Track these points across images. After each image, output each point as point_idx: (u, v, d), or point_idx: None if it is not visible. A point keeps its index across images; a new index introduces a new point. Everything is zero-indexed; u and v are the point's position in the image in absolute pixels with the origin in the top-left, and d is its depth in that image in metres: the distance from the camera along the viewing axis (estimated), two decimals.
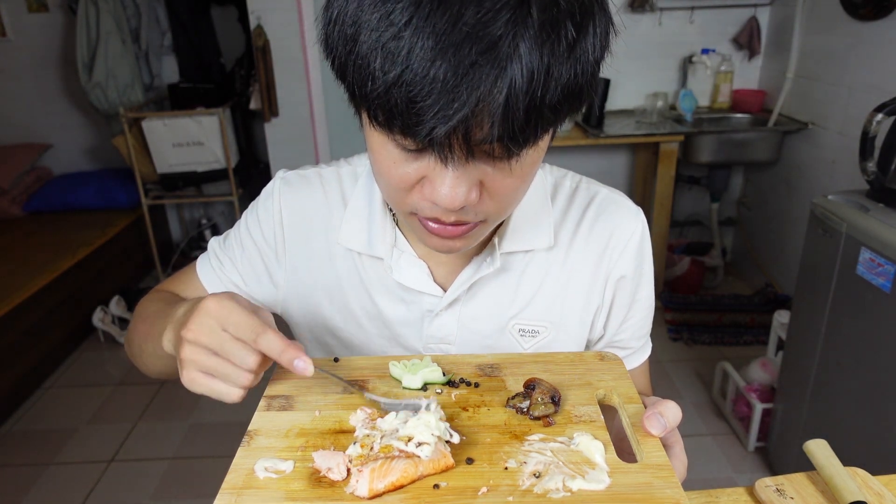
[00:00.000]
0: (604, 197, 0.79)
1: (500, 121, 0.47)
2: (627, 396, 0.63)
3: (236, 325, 0.55)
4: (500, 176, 0.55)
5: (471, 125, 0.47)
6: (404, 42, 0.45)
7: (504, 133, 0.48)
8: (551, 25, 0.46)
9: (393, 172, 0.56)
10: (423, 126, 0.47)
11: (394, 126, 0.50)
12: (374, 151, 0.57)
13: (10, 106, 3.67)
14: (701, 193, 3.55)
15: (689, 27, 3.21)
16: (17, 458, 2.35)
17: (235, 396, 0.57)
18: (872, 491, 0.66)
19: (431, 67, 0.45)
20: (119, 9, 3.28)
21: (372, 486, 0.50)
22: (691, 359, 2.81)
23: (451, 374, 0.66)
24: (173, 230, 4.03)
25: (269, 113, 3.25)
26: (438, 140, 0.48)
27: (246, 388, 0.57)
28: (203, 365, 0.56)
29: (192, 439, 2.42)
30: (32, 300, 2.71)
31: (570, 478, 0.52)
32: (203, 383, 0.57)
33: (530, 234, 0.76)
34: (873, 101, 1.80)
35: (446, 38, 0.44)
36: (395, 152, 0.54)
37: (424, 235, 0.62)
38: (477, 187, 0.55)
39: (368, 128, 0.56)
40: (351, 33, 0.48)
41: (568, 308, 0.78)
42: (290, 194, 0.79)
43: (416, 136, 0.48)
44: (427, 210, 0.57)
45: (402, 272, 0.75)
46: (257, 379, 0.58)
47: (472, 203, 0.55)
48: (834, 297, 1.75)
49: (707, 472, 2.17)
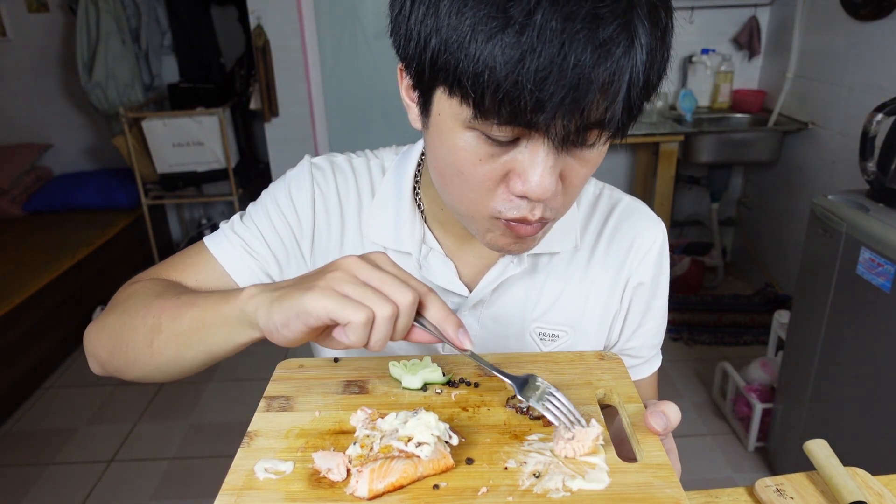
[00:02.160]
0: (626, 205, 0.80)
1: (623, 100, 0.48)
2: (627, 396, 0.63)
3: (408, 276, 0.52)
4: (577, 166, 0.56)
5: (588, 104, 0.47)
6: (531, 27, 0.44)
7: (621, 113, 0.49)
8: (653, 9, 0.48)
9: (478, 170, 0.55)
10: (546, 108, 0.46)
11: (502, 111, 0.48)
12: (453, 149, 0.55)
13: (10, 106, 3.67)
14: (701, 193, 3.55)
15: (689, 27, 3.21)
16: (17, 458, 2.35)
17: (361, 318, 0.49)
18: (872, 491, 0.66)
19: (561, 50, 0.44)
20: (119, 9, 3.29)
21: (372, 487, 0.50)
22: (691, 359, 2.81)
23: (451, 374, 0.66)
24: (173, 230, 4.03)
25: (269, 113, 3.25)
26: (558, 124, 0.48)
27: (371, 321, 0.49)
28: (344, 289, 0.50)
29: (192, 439, 2.42)
30: (32, 300, 2.71)
31: (569, 478, 0.52)
32: (329, 301, 0.49)
33: (557, 237, 0.75)
34: (873, 101, 1.80)
35: (572, 22, 0.44)
36: (482, 148, 0.53)
37: (502, 239, 0.61)
38: (559, 178, 0.55)
39: (445, 123, 0.54)
40: (454, 25, 0.47)
41: (588, 313, 0.78)
42: (324, 179, 0.77)
43: (534, 119, 0.47)
44: (511, 209, 0.56)
45: (431, 269, 0.74)
46: (396, 332, 0.51)
47: (557, 193, 0.56)
48: (834, 297, 1.75)
49: (707, 472, 2.17)
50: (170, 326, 0.63)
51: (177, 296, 0.66)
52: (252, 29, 3.11)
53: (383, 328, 0.50)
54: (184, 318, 0.62)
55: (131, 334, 0.67)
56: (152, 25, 3.53)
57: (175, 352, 0.64)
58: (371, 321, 0.50)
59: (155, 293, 0.69)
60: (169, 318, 0.64)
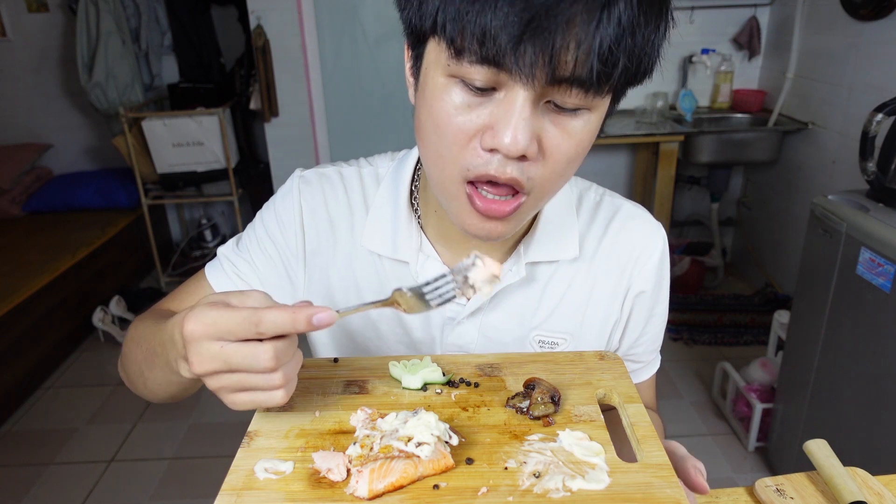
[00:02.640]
0: (627, 211, 0.79)
1: (587, 51, 0.48)
2: (627, 396, 0.63)
3: (230, 331, 0.49)
4: (558, 136, 0.55)
5: (559, 48, 0.48)
6: None
7: (589, 67, 0.49)
8: None
9: (453, 121, 0.54)
10: (511, 43, 0.47)
11: (473, 49, 0.49)
12: (432, 101, 0.56)
13: (10, 106, 3.68)
14: (701, 193, 3.55)
15: (689, 27, 3.21)
16: (17, 458, 2.35)
17: (279, 398, 0.52)
18: (872, 491, 0.66)
19: None
20: (119, 9, 3.29)
21: (372, 487, 0.50)
22: (691, 359, 2.82)
23: (450, 374, 0.66)
24: (173, 230, 4.04)
25: (269, 113, 3.25)
26: (526, 62, 0.48)
27: (281, 387, 0.52)
28: (230, 386, 0.52)
29: (192, 439, 2.42)
30: (32, 300, 2.71)
31: (569, 478, 0.52)
32: (243, 401, 0.52)
33: (556, 245, 0.75)
34: (873, 101, 1.80)
35: None
36: (458, 98, 0.54)
37: (467, 216, 0.60)
38: (536, 141, 0.54)
39: (429, 75, 0.55)
40: None
41: (588, 320, 0.78)
42: (311, 193, 0.77)
43: (502, 55, 0.48)
44: (480, 165, 0.55)
45: (427, 277, 0.74)
46: (292, 368, 0.52)
47: (532, 156, 0.54)
48: (834, 297, 1.75)
49: (707, 472, 2.17)
50: (144, 371, 0.67)
51: (148, 337, 0.66)
52: (252, 29, 3.11)
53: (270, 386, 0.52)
54: (150, 365, 0.64)
55: (132, 369, 0.72)
56: (152, 25, 3.53)
57: (162, 385, 0.66)
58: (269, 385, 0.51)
59: (148, 328, 0.69)
60: (142, 365, 0.67)
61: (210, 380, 0.51)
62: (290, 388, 0.52)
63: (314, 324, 0.49)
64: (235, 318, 0.49)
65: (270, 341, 0.50)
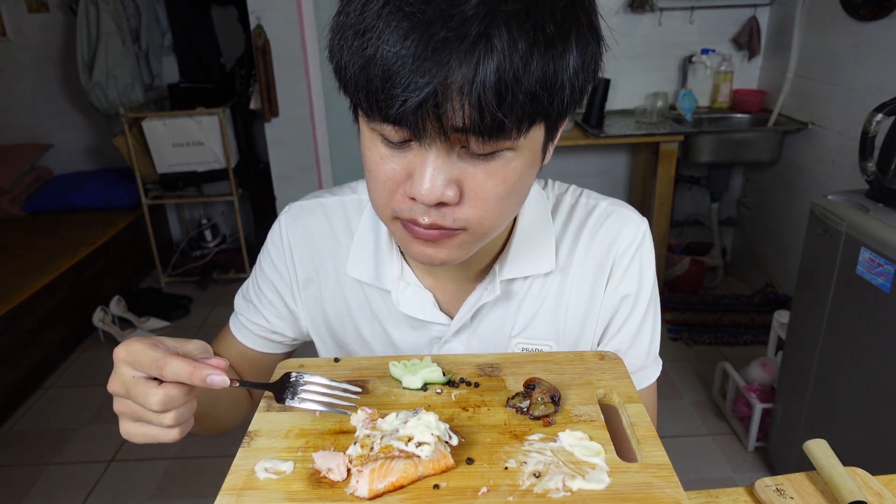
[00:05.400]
0: (602, 210, 0.77)
1: (469, 100, 0.48)
2: (627, 396, 0.63)
3: (141, 365, 0.54)
4: (482, 177, 0.55)
5: (441, 101, 0.48)
6: (381, 21, 0.48)
7: (476, 116, 0.48)
8: (527, 15, 0.47)
9: (380, 170, 0.56)
10: (395, 100, 0.48)
11: (373, 109, 0.51)
12: (364, 150, 0.58)
13: (10, 106, 3.68)
14: (701, 193, 3.55)
15: (689, 27, 3.21)
16: (17, 458, 2.35)
17: (168, 437, 0.56)
18: (872, 491, 0.66)
19: (404, 42, 0.47)
20: (119, 9, 3.28)
21: (372, 487, 0.50)
22: (691, 359, 2.81)
23: (451, 374, 0.66)
24: (173, 230, 4.04)
25: (269, 113, 3.25)
26: (410, 116, 0.49)
27: (173, 426, 0.56)
28: (127, 412, 0.56)
29: (192, 439, 2.40)
30: (32, 300, 2.71)
31: (570, 478, 0.52)
32: (134, 432, 0.57)
33: (531, 261, 0.75)
34: (873, 101, 1.80)
35: (419, 16, 0.46)
36: (381, 149, 0.55)
37: (408, 242, 0.61)
38: (456, 186, 0.55)
39: (361, 126, 0.57)
40: (342, 22, 0.51)
41: (570, 325, 0.77)
42: (295, 227, 0.80)
43: (389, 111, 0.49)
44: (406, 211, 0.57)
45: (409, 304, 0.75)
46: (185, 412, 0.56)
47: (450, 201, 0.55)
48: (834, 296, 1.75)
49: (707, 472, 2.17)
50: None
51: None
52: (252, 29, 3.11)
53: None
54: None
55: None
56: (152, 25, 3.53)
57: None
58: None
59: None
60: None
61: (116, 402, 0.57)
62: (185, 428, 0.57)
63: (208, 382, 0.54)
64: (148, 356, 0.54)
65: (165, 386, 0.54)
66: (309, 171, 3.41)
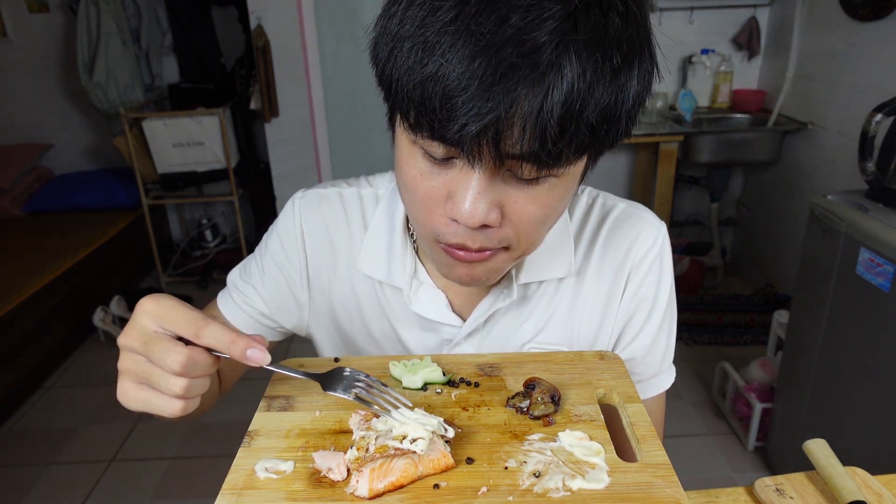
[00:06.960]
0: (620, 212, 0.76)
1: (532, 129, 0.46)
2: (627, 396, 0.63)
3: (174, 322, 0.50)
4: (524, 202, 0.54)
5: (502, 128, 0.46)
6: (446, 37, 0.45)
7: (536, 144, 0.47)
8: (597, 45, 0.46)
9: (420, 186, 0.55)
10: (454, 123, 0.46)
11: (424, 125, 0.49)
12: (402, 163, 0.56)
13: (11, 106, 3.68)
14: (701, 193, 3.55)
15: (689, 27, 3.21)
16: (17, 458, 2.35)
17: (170, 408, 0.51)
18: (872, 490, 0.67)
19: (471, 64, 0.45)
20: (119, 9, 3.29)
21: (372, 487, 0.50)
22: (691, 359, 2.82)
23: (451, 373, 0.66)
24: (173, 230, 4.04)
25: (269, 113, 3.25)
26: (468, 141, 0.47)
27: (179, 397, 0.51)
28: (134, 371, 0.51)
29: (192, 439, 2.42)
30: (32, 300, 2.71)
31: (569, 477, 0.52)
32: (134, 396, 0.52)
33: (548, 265, 0.73)
34: (873, 101, 1.80)
35: (489, 37, 0.44)
36: (422, 164, 0.54)
37: (448, 265, 0.60)
38: (498, 208, 0.53)
39: (399, 138, 0.55)
40: (396, 31, 0.49)
41: (584, 330, 0.76)
42: (310, 214, 0.77)
43: (446, 133, 0.47)
44: (450, 235, 0.56)
45: (421, 304, 0.74)
46: (197, 386, 0.52)
47: (493, 223, 0.54)
48: (833, 297, 1.75)
49: (706, 472, 2.17)
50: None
51: None
52: (252, 29, 3.11)
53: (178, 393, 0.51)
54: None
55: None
56: (152, 26, 3.53)
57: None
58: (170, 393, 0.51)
59: None
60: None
61: (124, 357, 0.52)
62: (190, 405, 0.52)
63: (247, 356, 0.51)
64: (184, 314, 0.51)
65: (192, 348, 0.50)
66: (309, 171, 3.42)
